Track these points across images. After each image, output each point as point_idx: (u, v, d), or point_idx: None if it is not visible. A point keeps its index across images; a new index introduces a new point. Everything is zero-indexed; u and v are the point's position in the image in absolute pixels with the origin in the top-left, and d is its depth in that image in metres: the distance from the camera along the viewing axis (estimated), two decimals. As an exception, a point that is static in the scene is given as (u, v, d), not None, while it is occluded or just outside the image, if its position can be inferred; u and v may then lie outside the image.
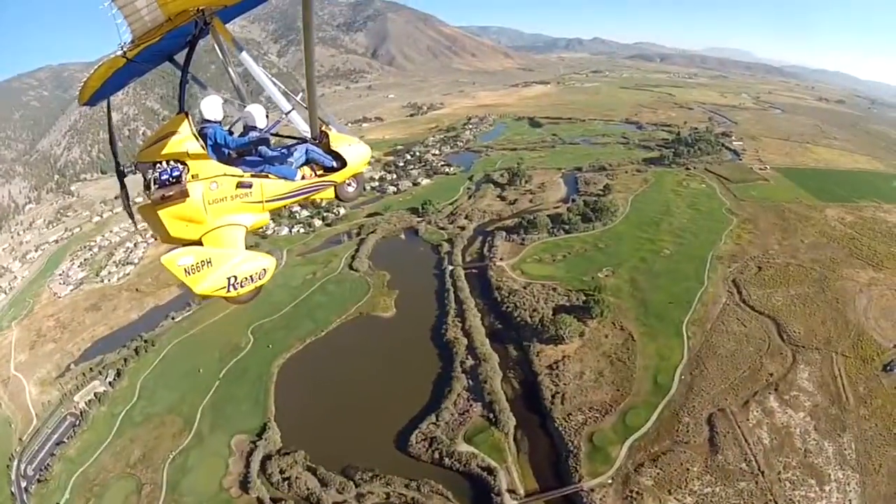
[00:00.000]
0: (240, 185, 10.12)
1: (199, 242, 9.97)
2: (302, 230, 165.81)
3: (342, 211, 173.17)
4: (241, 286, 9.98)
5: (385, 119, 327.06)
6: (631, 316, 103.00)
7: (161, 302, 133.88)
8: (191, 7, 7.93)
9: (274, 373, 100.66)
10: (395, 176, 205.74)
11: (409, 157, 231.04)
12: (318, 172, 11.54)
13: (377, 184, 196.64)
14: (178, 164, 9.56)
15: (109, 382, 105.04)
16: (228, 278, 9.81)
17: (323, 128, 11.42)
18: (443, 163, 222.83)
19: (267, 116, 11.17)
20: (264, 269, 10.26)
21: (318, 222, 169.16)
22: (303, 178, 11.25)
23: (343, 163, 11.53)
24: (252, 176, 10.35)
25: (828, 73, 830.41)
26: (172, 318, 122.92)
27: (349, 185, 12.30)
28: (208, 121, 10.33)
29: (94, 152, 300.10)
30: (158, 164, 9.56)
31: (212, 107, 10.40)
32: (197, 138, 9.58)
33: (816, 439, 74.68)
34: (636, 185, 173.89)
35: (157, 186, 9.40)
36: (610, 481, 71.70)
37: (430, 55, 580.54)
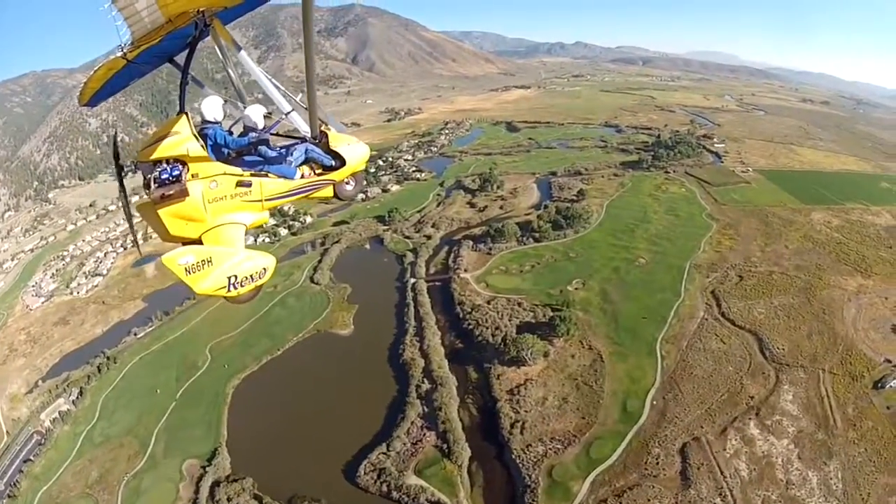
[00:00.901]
0: (239, 184, 9.93)
1: (198, 241, 9.75)
2: (267, 240, 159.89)
3: (308, 219, 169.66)
4: (242, 285, 9.68)
5: (362, 124, 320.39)
6: (601, 333, 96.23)
7: (126, 316, 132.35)
8: (191, 9, 7.90)
9: (228, 394, 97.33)
10: (364, 182, 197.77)
11: (381, 162, 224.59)
12: (318, 171, 11.34)
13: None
14: (178, 164, 9.38)
15: (73, 401, 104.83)
16: (229, 278, 9.49)
17: (322, 127, 11.21)
18: (414, 168, 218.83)
19: (268, 115, 10.86)
20: (264, 269, 9.90)
21: (283, 231, 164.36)
22: (302, 176, 11.08)
23: (342, 162, 11.34)
24: (252, 175, 10.16)
25: (812, 74, 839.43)
26: (135, 335, 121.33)
27: (347, 183, 12.02)
28: (208, 121, 10.12)
29: (72, 159, 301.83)
30: (158, 164, 9.36)
31: (212, 107, 10.13)
32: (197, 139, 9.43)
33: (800, 469, 69.43)
34: (612, 190, 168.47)
35: (156, 185, 9.23)
36: (568, 519, 66.19)
37: (411, 60, 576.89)
